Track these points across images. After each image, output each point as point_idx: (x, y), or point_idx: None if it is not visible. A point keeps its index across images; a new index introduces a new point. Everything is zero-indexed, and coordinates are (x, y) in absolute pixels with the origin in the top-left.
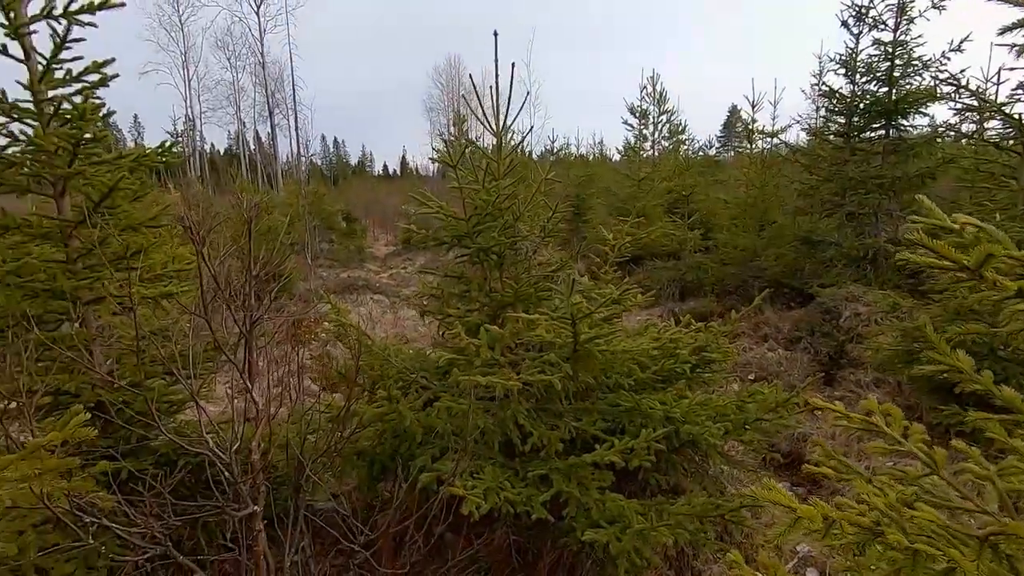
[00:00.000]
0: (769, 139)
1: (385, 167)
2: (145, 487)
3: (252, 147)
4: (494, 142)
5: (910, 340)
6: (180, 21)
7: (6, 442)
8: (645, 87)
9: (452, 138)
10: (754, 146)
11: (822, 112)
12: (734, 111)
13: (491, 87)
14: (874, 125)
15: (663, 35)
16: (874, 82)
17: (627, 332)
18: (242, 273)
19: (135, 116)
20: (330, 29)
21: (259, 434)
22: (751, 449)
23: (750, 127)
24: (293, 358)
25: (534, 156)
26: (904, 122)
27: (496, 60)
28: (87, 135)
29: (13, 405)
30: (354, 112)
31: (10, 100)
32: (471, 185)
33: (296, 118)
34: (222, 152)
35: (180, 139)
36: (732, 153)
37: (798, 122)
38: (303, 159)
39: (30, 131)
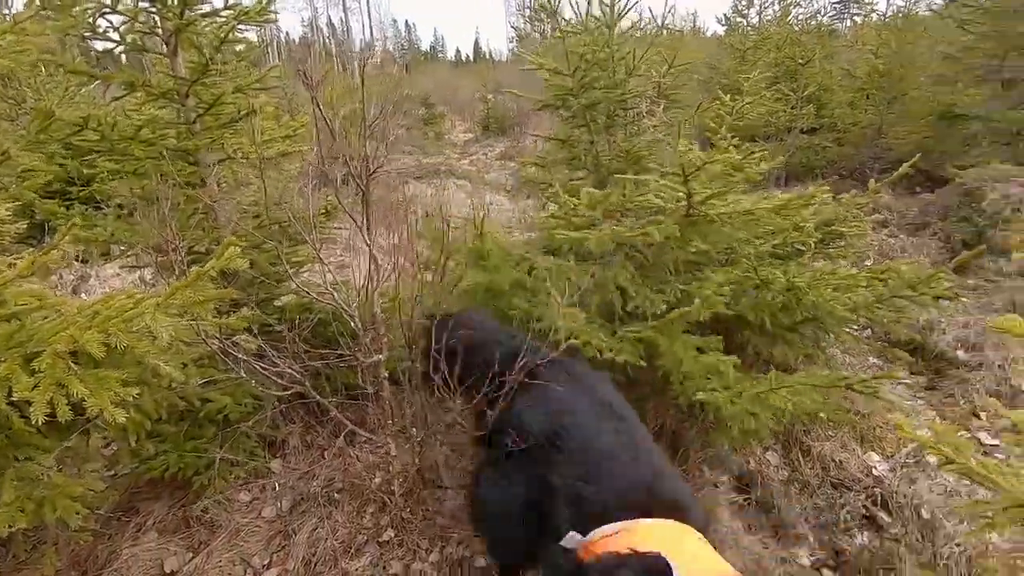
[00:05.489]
0: None
1: (458, 52)
2: (275, 340)
3: (326, 34)
4: None
5: None
6: None
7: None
8: None
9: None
10: (889, 8)
11: None
12: None
13: None
14: None
15: None
16: None
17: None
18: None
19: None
20: None
21: (378, 290)
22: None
23: None
24: (398, 228)
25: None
26: None
27: None
28: None
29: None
30: None
31: None
32: (576, 32)
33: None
34: (296, 41)
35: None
36: (848, 23)
37: None
38: (377, 43)
39: None
